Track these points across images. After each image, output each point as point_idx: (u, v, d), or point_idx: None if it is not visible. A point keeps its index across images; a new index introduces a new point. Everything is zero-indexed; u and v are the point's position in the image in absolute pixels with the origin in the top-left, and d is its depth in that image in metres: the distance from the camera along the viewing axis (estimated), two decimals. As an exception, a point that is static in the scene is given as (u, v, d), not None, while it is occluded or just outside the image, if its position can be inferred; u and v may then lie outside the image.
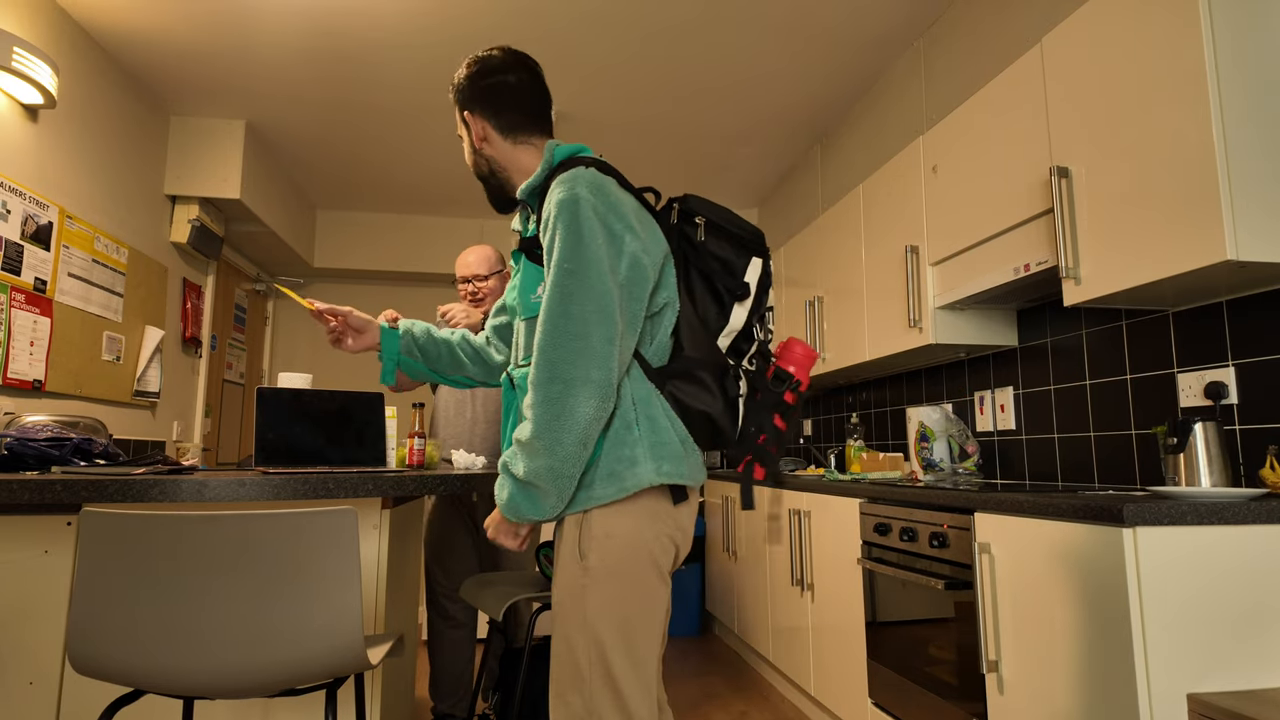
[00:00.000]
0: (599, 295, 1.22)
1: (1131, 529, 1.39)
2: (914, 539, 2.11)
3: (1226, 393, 1.87)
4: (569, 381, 1.20)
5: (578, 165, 1.32)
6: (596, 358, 1.21)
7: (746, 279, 1.37)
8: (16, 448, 1.70)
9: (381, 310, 5.53)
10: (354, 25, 3.07)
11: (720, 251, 1.37)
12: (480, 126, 1.46)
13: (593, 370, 1.21)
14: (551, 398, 1.21)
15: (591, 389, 1.21)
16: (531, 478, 1.23)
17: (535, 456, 1.22)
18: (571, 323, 1.21)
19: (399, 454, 2.27)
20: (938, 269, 2.59)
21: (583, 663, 1.25)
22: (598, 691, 1.23)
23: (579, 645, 1.25)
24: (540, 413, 1.21)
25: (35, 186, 2.84)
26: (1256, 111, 1.58)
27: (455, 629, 2.68)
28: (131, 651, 1.13)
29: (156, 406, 3.75)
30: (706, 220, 1.37)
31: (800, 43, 3.21)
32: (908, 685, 2.13)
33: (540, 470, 1.22)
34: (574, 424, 1.20)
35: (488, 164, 1.48)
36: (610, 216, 1.27)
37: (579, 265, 1.23)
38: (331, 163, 4.48)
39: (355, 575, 1.18)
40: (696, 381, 1.31)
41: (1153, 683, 1.36)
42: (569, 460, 1.22)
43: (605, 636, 1.24)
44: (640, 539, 1.27)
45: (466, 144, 1.49)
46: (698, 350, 1.33)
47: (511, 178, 1.47)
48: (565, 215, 1.25)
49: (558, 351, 1.21)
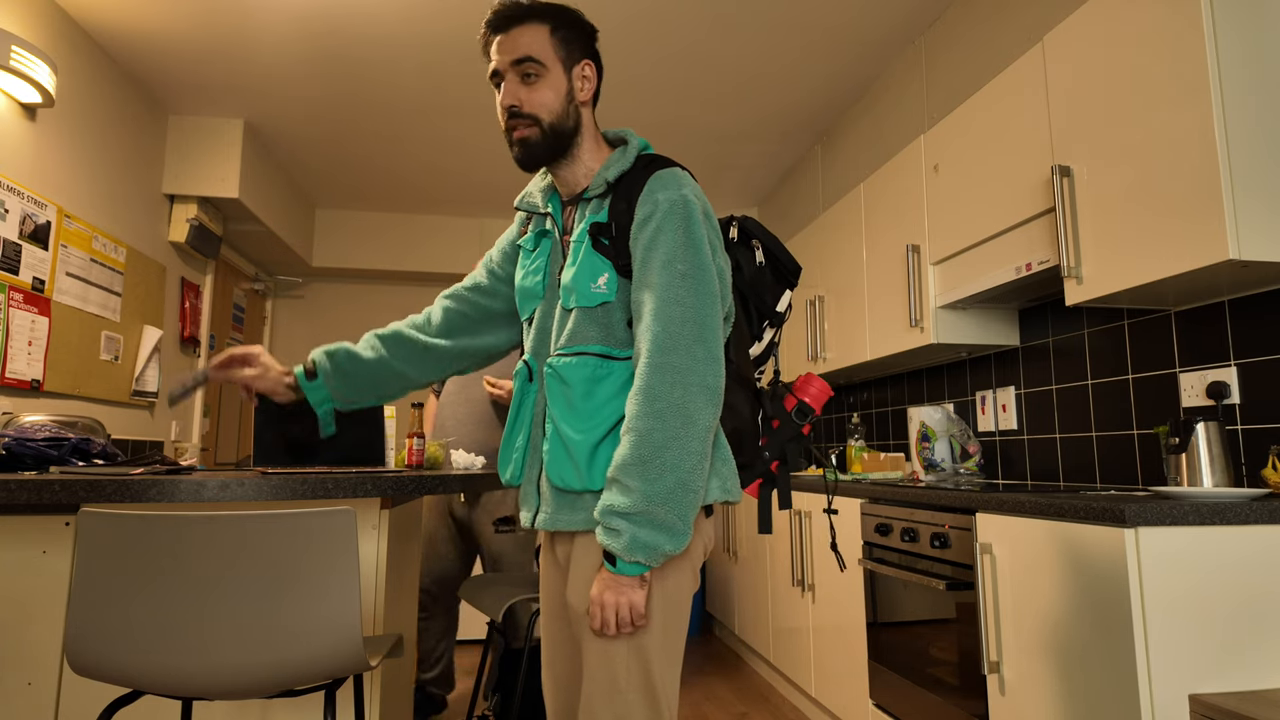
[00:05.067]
0: (714, 299, 1.19)
1: (1133, 529, 1.39)
2: (915, 539, 2.10)
3: (1229, 392, 1.87)
4: (691, 387, 1.14)
5: (670, 165, 1.27)
6: (717, 363, 1.17)
7: (779, 308, 1.38)
8: (14, 447, 1.69)
9: (382, 310, 5.54)
10: (353, 23, 3.06)
11: (763, 278, 1.38)
12: (592, 80, 1.32)
13: (710, 376, 1.16)
14: (675, 406, 1.12)
15: (711, 395, 1.15)
16: (657, 503, 1.10)
17: (661, 475, 1.10)
18: (691, 325, 1.16)
19: (398, 455, 2.26)
20: (939, 268, 2.59)
21: (620, 673, 1.17)
22: (633, 701, 1.17)
23: (619, 655, 1.17)
24: (663, 423, 1.12)
25: (33, 185, 2.84)
26: (1259, 110, 1.58)
27: (426, 619, 2.80)
28: (130, 652, 1.13)
29: (155, 406, 3.74)
30: (764, 245, 1.37)
31: (801, 42, 3.20)
32: (909, 686, 2.12)
33: (668, 492, 1.10)
34: (698, 432, 1.13)
35: (576, 119, 1.30)
36: (709, 223, 1.25)
37: (695, 269, 1.18)
38: (330, 161, 4.47)
39: (354, 576, 1.17)
40: (737, 398, 1.30)
41: (1155, 683, 1.35)
42: (696, 472, 1.12)
43: (650, 645, 1.18)
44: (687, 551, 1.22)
45: (561, 85, 1.28)
46: (744, 368, 1.32)
47: (582, 144, 1.31)
48: (678, 217, 1.20)
49: (679, 355, 1.14)
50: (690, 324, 1.15)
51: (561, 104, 1.27)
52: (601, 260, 1.25)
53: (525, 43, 1.26)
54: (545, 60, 1.26)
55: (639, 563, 1.11)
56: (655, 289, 1.17)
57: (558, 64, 1.27)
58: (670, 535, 1.10)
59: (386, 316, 5.56)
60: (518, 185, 4.80)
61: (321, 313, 5.51)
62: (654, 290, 1.17)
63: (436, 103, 3.73)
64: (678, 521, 1.11)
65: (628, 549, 1.10)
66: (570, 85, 1.28)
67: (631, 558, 1.10)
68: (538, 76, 1.26)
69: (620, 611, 1.13)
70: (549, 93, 1.26)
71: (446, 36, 3.15)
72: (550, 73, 1.27)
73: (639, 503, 1.10)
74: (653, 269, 1.19)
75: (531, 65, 1.26)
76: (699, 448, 1.12)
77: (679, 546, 1.12)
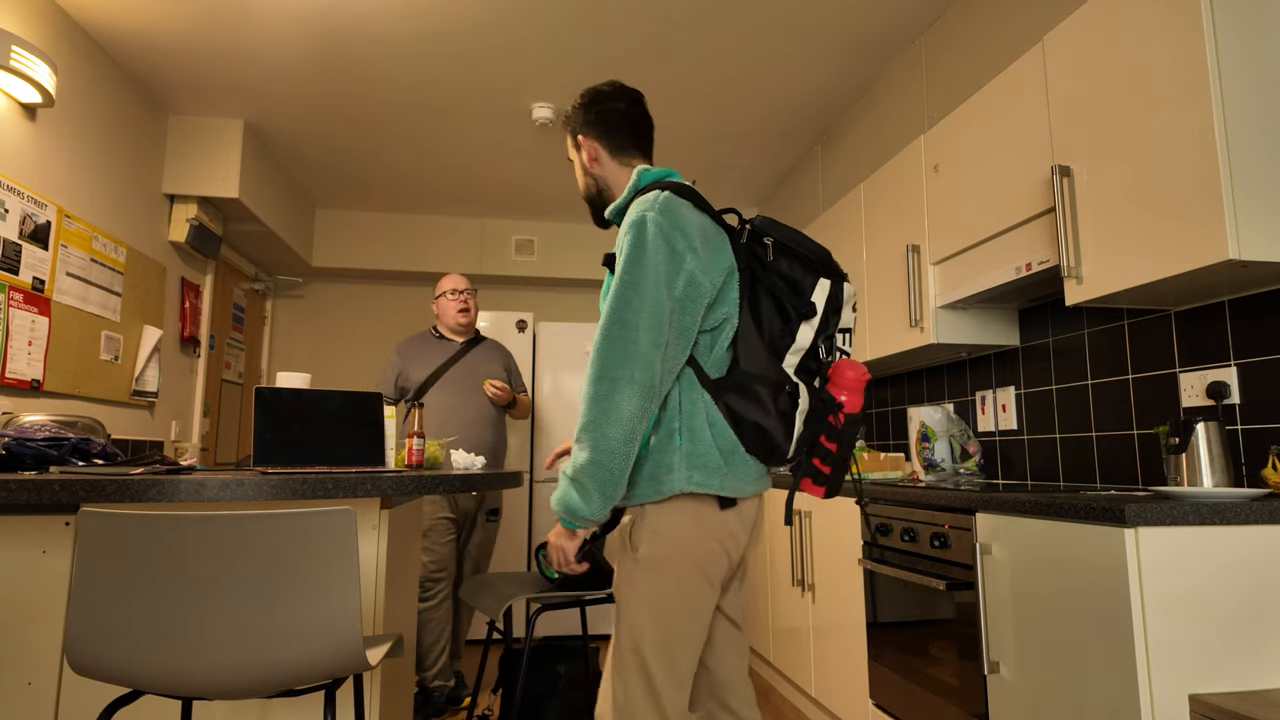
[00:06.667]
0: (652, 304, 1.32)
1: (1133, 529, 1.39)
2: (915, 539, 2.10)
3: (1228, 392, 1.87)
4: (615, 380, 1.29)
5: (654, 189, 1.43)
6: (642, 360, 1.30)
7: (813, 299, 1.41)
8: (14, 447, 1.69)
9: (383, 310, 5.54)
10: (353, 23, 3.06)
11: (789, 271, 1.43)
12: (592, 148, 1.59)
13: (637, 371, 1.29)
14: (599, 395, 1.29)
15: (635, 388, 1.29)
16: (578, 473, 1.30)
17: (581, 450, 1.30)
18: (624, 329, 1.31)
19: (398, 455, 2.26)
20: (939, 268, 2.59)
21: (624, 649, 1.35)
22: (632, 679, 1.33)
23: (622, 633, 1.37)
24: (588, 408, 1.30)
25: (33, 185, 2.84)
26: (1259, 110, 1.58)
27: (435, 608, 2.90)
28: (130, 652, 1.13)
29: (155, 406, 3.74)
30: (774, 241, 1.44)
31: (801, 41, 3.20)
32: (909, 686, 2.12)
33: (585, 464, 1.29)
34: (618, 419, 1.28)
35: (596, 183, 1.60)
36: (675, 234, 1.36)
37: (636, 278, 1.33)
38: (330, 161, 4.47)
39: (354, 575, 1.17)
40: (750, 395, 1.38)
41: (1154, 684, 1.35)
42: (613, 455, 1.28)
43: (641, 626, 1.35)
44: (685, 538, 1.36)
45: (578, 167, 1.63)
46: (754, 365, 1.39)
47: (614, 195, 1.60)
48: (632, 233, 1.36)
49: (608, 353, 1.31)
50: (625, 325, 1.31)
51: (584, 179, 1.63)
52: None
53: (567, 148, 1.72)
54: (571, 156, 1.66)
55: (564, 517, 1.33)
56: (610, 298, 1.35)
57: (574, 152, 1.65)
58: (584, 501, 1.30)
59: (387, 317, 5.56)
60: (518, 186, 4.81)
61: (322, 313, 5.50)
62: (609, 298, 1.35)
63: (437, 102, 3.73)
64: (591, 491, 1.29)
65: (556, 502, 1.33)
66: (583, 163, 1.62)
67: (557, 510, 1.33)
68: (574, 167, 1.71)
69: (558, 553, 1.37)
70: (580, 177, 1.65)
71: (448, 36, 3.15)
72: (575, 162, 1.66)
73: (571, 469, 1.32)
74: (614, 281, 1.37)
75: (571, 161, 1.70)
76: (618, 433, 1.28)
77: (594, 513, 1.31)
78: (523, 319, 4.71)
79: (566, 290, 5.80)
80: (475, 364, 3.16)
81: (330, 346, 5.46)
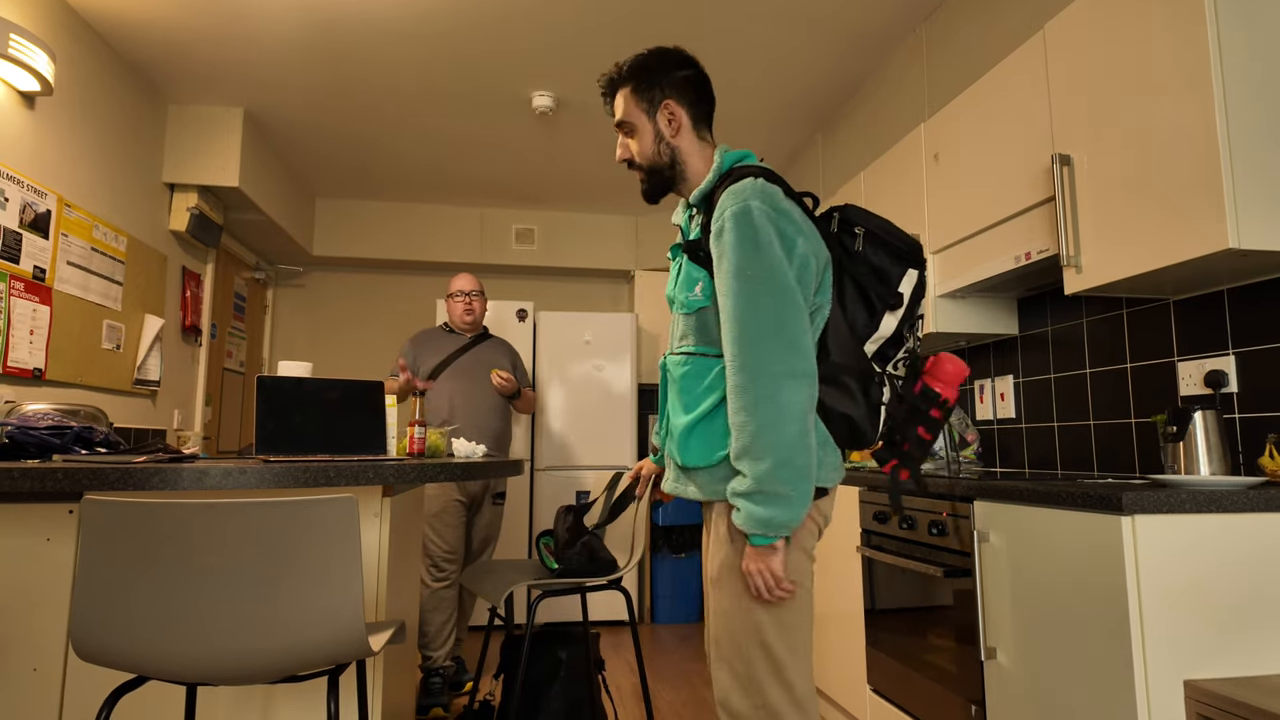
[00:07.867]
0: (788, 292, 1.28)
1: (1130, 517, 1.40)
2: (913, 527, 2.11)
3: (1226, 381, 1.87)
4: (775, 376, 1.25)
5: (747, 174, 1.37)
6: (798, 350, 1.27)
7: (901, 289, 1.40)
8: (18, 436, 1.70)
9: (383, 299, 5.54)
10: (353, 10, 3.05)
11: (877, 261, 1.40)
12: (676, 115, 1.47)
13: (796, 362, 1.26)
14: (763, 396, 1.24)
15: (799, 380, 1.26)
16: (763, 485, 1.24)
17: (761, 459, 1.24)
18: (767, 321, 1.26)
19: (400, 443, 2.27)
20: (939, 257, 2.59)
21: (739, 633, 1.33)
22: (756, 660, 1.32)
23: (734, 619, 1.34)
24: (751, 414, 1.25)
25: (33, 174, 2.83)
26: (1260, 99, 1.58)
27: (447, 588, 3.02)
28: (134, 638, 1.14)
29: (157, 395, 3.76)
30: (865, 230, 1.41)
31: (801, 30, 3.19)
32: (907, 673, 2.14)
33: (769, 473, 1.24)
34: (791, 415, 1.24)
35: (671, 155, 1.48)
36: (782, 221, 1.32)
37: (761, 269, 1.28)
38: (331, 150, 4.46)
39: (356, 563, 1.18)
40: (841, 386, 1.36)
41: (1150, 670, 1.36)
42: (797, 450, 1.24)
43: (758, 614, 1.32)
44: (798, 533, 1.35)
45: (648, 133, 1.48)
46: (843, 356, 1.36)
47: (686, 171, 1.48)
48: (740, 225, 1.30)
49: (758, 351, 1.26)
50: (765, 321, 1.26)
51: (653, 148, 1.48)
52: (698, 270, 1.40)
53: (619, 108, 1.52)
54: (632, 119, 1.49)
55: (760, 534, 1.26)
56: (730, 295, 1.30)
57: (642, 116, 1.48)
58: (782, 508, 1.24)
59: (388, 306, 5.56)
60: (519, 175, 4.79)
61: (322, 302, 5.50)
62: (729, 297, 1.30)
63: (438, 91, 3.72)
64: (789, 494, 1.24)
65: (746, 523, 1.26)
66: (657, 129, 1.47)
67: (752, 530, 1.26)
68: (631, 133, 1.50)
69: (762, 577, 1.28)
70: (647, 143, 1.48)
71: (449, 25, 3.14)
72: (639, 127, 1.49)
73: (749, 485, 1.25)
74: (725, 277, 1.31)
75: (626, 125, 1.51)
76: (795, 429, 1.24)
77: (795, 516, 1.25)
78: (523, 308, 4.71)
79: (567, 279, 5.80)
80: (483, 355, 3.28)
81: (331, 335, 5.47)
